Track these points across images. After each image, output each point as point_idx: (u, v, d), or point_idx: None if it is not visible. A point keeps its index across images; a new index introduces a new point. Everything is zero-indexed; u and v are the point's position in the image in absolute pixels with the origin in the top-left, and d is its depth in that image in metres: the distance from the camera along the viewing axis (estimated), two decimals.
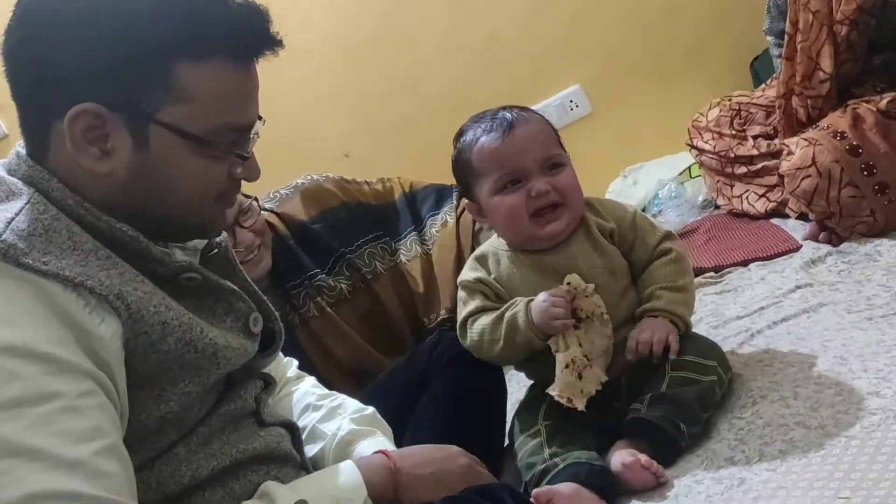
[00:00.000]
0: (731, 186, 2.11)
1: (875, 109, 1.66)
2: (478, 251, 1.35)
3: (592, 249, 1.27)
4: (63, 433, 0.75)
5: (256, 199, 1.74)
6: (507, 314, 1.23)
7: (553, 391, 1.18)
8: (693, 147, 2.22)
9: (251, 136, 0.94)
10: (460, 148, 1.31)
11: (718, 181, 2.15)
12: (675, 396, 1.15)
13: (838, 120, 1.67)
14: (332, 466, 1.01)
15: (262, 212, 1.79)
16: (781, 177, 1.78)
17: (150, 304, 0.84)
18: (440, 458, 1.06)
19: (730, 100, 2.20)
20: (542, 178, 1.24)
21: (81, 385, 0.78)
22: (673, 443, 1.13)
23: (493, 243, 1.34)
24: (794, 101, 1.89)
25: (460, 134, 1.32)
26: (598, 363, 1.19)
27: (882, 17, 1.78)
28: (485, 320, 1.26)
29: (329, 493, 0.95)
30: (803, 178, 1.64)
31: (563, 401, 1.16)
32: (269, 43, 0.90)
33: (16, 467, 0.72)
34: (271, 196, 1.91)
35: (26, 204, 0.84)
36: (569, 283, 1.20)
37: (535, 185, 1.24)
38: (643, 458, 1.09)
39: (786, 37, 1.89)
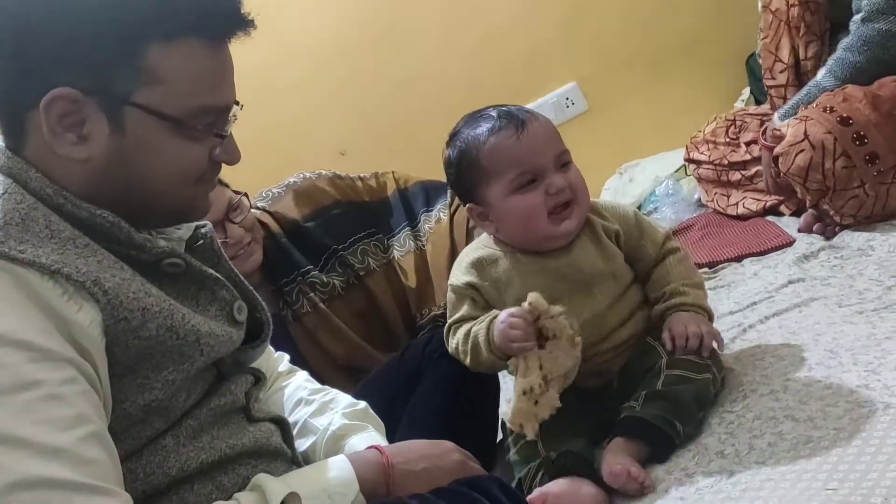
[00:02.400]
0: (727, 196, 2.13)
1: (864, 89, 1.67)
2: (472, 256, 1.30)
3: (596, 251, 1.26)
4: (46, 421, 0.75)
5: (247, 195, 1.74)
6: (473, 329, 1.21)
7: (505, 417, 1.12)
8: (690, 161, 2.26)
9: (229, 117, 0.94)
10: (463, 150, 1.26)
11: (715, 193, 2.17)
12: (671, 394, 1.14)
13: (828, 98, 1.68)
14: (325, 461, 1.01)
15: (253, 210, 1.79)
16: (778, 175, 1.79)
17: (129, 290, 0.84)
18: (434, 453, 1.05)
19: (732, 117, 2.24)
20: (559, 175, 1.23)
21: (64, 373, 0.78)
22: (668, 441, 1.13)
23: (486, 244, 1.31)
24: (771, 98, 2.00)
25: (456, 135, 1.28)
26: (556, 384, 1.11)
27: None
28: (462, 331, 1.24)
29: (321, 487, 0.94)
30: (797, 154, 1.64)
31: (515, 428, 1.11)
32: (240, 23, 0.91)
33: (21, 487, 0.72)
34: (263, 195, 1.91)
35: (3, 194, 0.84)
36: (530, 303, 1.12)
37: (553, 181, 1.21)
38: (633, 469, 1.08)
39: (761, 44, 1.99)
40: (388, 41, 2.75)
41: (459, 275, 1.30)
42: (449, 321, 1.29)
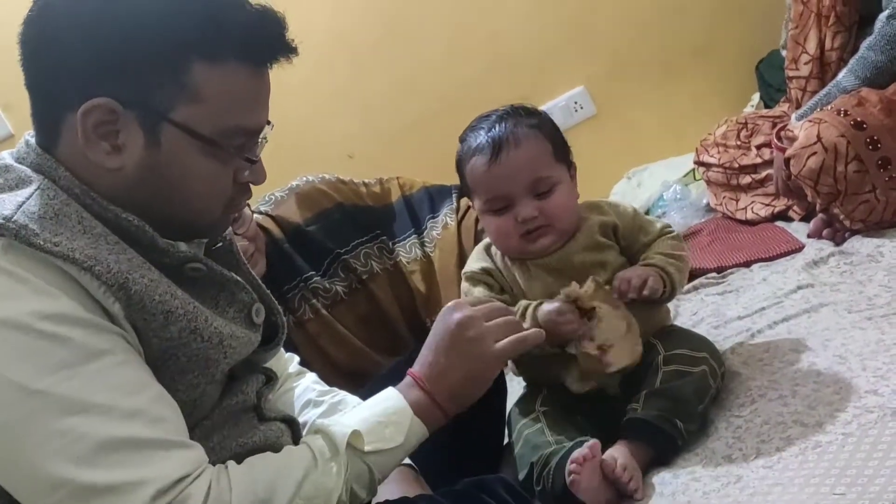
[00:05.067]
0: (737, 200, 2.12)
1: (879, 93, 1.67)
2: (486, 243, 1.35)
3: (587, 247, 1.28)
4: (118, 386, 0.82)
5: (248, 206, 1.74)
6: None
7: (574, 384, 1.22)
8: (700, 164, 2.25)
9: (259, 140, 0.96)
10: (460, 157, 1.32)
11: (724, 197, 2.17)
12: (670, 391, 1.16)
13: (843, 101, 1.68)
14: (373, 397, 1.05)
15: (257, 215, 1.79)
16: (789, 177, 1.78)
17: (156, 293, 0.86)
18: (450, 346, 1.05)
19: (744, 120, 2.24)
20: (530, 204, 1.25)
21: (121, 343, 0.84)
22: (671, 442, 1.14)
23: None
24: (790, 89, 2.01)
25: (462, 139, 1.33)
26: (628, 340, 1.20)
27: None
28: None
29: (377, 420, 0.99)
30: (809, 157, 1.63)
31: (590, 387, 1.21)
32: (284, 49, 0.92)
33: (82, 423, 0.79)
34: (266, 199, 1.91)
35: (36, 189, 0.86)
36: (567, 294, 1.20)
37: (521, 210, 1.25)
38: (618, 470, 1.10)
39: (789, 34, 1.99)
40: (396, 42, 2.75)
41: (473, 263, 1.34)
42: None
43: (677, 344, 1.23)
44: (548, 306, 1.20)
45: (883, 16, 1.75)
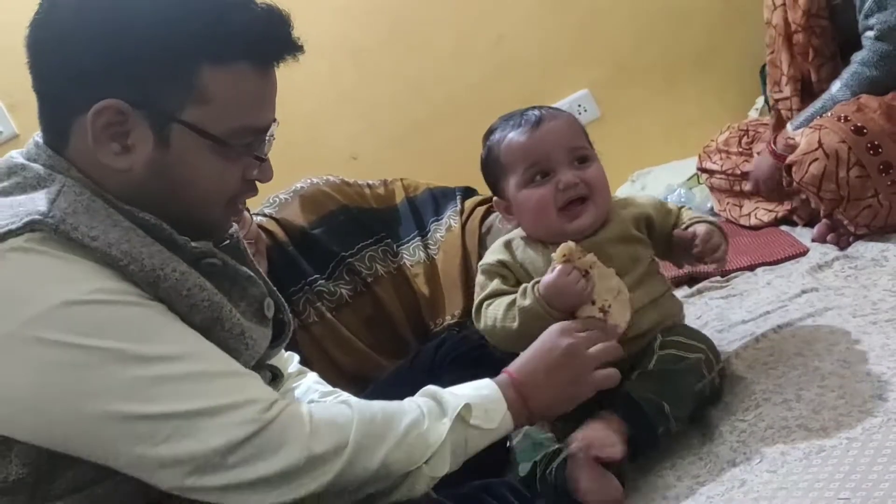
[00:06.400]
0: (740, 206, 2.12)
1: (879, 100, 1.68)
2: (505, 239, 1.35)
3: (621, 239, 1.28)
4: (193, 337, 0.89)
5: (248, 209, 1.74)
6: (520, 304, 1.22)
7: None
8: (703, 170, 2.26)
9: (267, 137, 0.96)
10: (489, 146, 1.32)
11: (727, 203, 2.17)
12: (662, 373, 1.17)
13: (842, 107, 1.69)
14: (468, 384, 1.07)
15: (261, 217, 1.79)
16: (790, 184, 1.79)
17: (185, 287, 0.88)
18: (546, 357, 1.11)
19: (745, 127, 2.25)
20: (570, 171, 1.25)
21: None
22: (647, 423, 1.12)
23: (518, 233, 1.34)
24: (779, 111, 2.04)
25: (490, 133, 1.34)
26: (620, 301, 1.19)
27: (835, 19, 1.92)
28: (499, 306, 1.25)
29: (478, 402, 1.02)
30: (811, 163, 1.64)
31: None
32: (291, 48, 0.93)
33: (197, 383, 0.86)
34: (271, 201, 1.91)
35: (62, 188, 0.87)
36: (563, 255, 1.19)
37: (563, 176, 1.24)
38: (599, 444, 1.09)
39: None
40: (401, 46, 2.75)
41: (490, 256, 1.33)
42: (479, 298, 1.29)
43: (676, 332, 1.24)
44: (551, 274, 1.19)
45: (870, 35, 1.78)
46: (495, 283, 1.28)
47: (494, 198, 1.35)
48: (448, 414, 0.99)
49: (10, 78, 0.95)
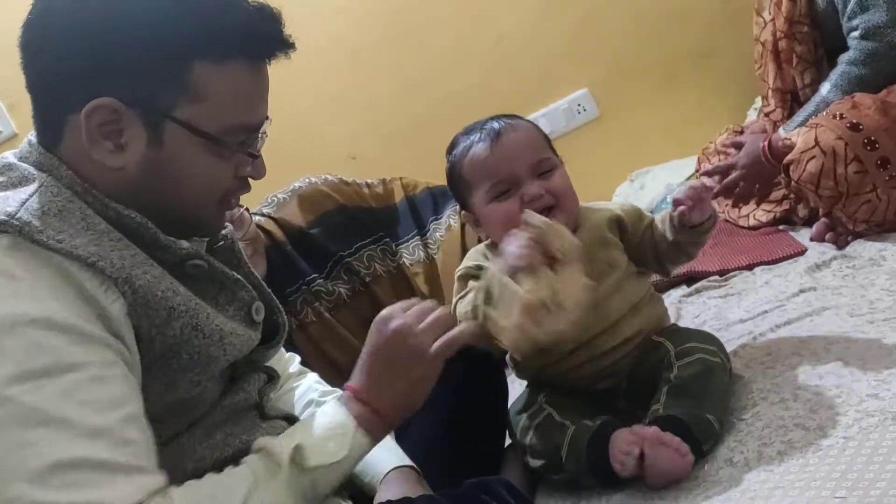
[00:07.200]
0: (739, 207, 2.12)
1: (873, 97, 1.69)
2: (482, 245, 1.34)
3: (596, 242, 1.27)
4: (89, 402, 0.78)
5: (247, 209, 1.74)
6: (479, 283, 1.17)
7: (499, 334, 1.08)
8: (703, 174, 2.25)
9: (260, 135, 0.96)
10: (452, 161, 1.31)
11: (726, 205, 2.17)
12: (692, 386, 1.13)
13: (837, 106, 1.70)
14: (315, 412, 1.01)
15: (259, 217, 1.79)
16: (788, 185, 1.79)
17: (158, 289, 0.86)
18: (387, 359, 1.02)
19: (741, 130, 2.26)
20: (534, 182, 1.24)
21: (105, 355, 0.81)
22: (695, 444, 1.09)
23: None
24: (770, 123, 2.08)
25: (452, 147, 1.33)
26: (565, 315, 1.06)
27: (820, 26, 1.96)
28: (469, 296, 1.20)
29: (320, 434, 0.96)
30: (808, 161, 1.65)
31: (508, 343, 1.07)
32: (282, 45, 0.93)
33: (43, 437, 0.75)
34: (269, 200, 1.91)
35: (39, 187, 0.87)
36: (528, 223, 1.11)
37: (527, 189, 1.24)
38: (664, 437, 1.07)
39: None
40: (400, 46, 2.76)
41: (467, 261, 1.32)
42: (453, 301, 1.26)
43: (687, 339, 1.22)
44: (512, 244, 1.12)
45: (855, 35, 1.80)
46: (469, 286, 1.25)
47: (463, 211, 1.35)
48: (282, 466, 0.91)
49: (10, 78, 0.95)
